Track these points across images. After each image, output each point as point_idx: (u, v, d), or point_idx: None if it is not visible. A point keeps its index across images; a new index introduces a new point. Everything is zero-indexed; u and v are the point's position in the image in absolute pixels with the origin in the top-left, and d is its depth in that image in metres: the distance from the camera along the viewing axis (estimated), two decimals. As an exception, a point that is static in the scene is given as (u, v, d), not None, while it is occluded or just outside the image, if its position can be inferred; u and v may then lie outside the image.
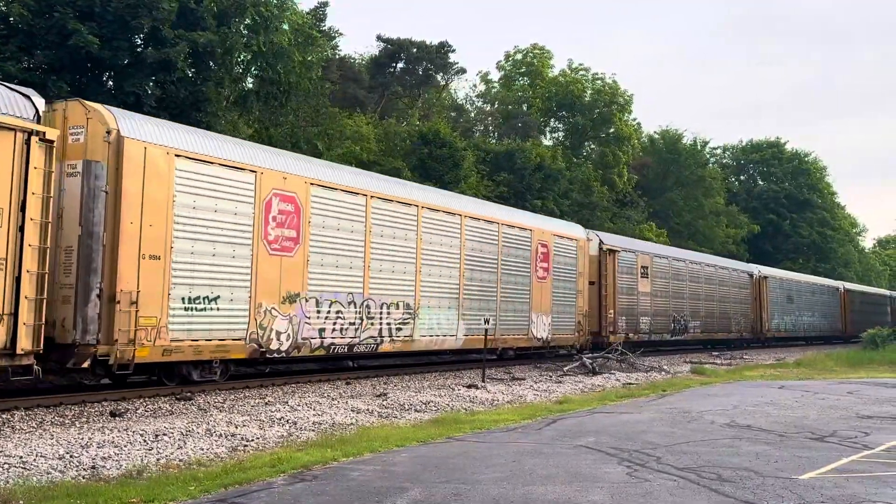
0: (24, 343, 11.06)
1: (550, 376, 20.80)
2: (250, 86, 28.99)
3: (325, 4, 36.89)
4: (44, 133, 11.55)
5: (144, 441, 9.70)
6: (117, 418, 11.67)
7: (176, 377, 14.48)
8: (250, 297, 15.01)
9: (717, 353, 34.15)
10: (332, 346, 16.99)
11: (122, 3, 21.47)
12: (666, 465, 8.75)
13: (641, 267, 30.91)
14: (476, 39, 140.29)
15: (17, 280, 11.09)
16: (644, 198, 57.05)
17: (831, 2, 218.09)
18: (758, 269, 43.11)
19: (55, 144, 11.79)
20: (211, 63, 23.64)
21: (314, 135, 28.46)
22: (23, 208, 11.18)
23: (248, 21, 25.51)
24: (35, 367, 11.35)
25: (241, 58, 26.81)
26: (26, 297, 11.11)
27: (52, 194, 11.72)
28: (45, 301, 11.45)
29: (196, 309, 13.94)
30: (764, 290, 43.02)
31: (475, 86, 58.70)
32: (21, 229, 11.17)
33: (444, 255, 20.46)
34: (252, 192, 15.16)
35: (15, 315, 10.97)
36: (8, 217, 11.02)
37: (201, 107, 23.54)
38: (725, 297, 38.66)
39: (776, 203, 72.74)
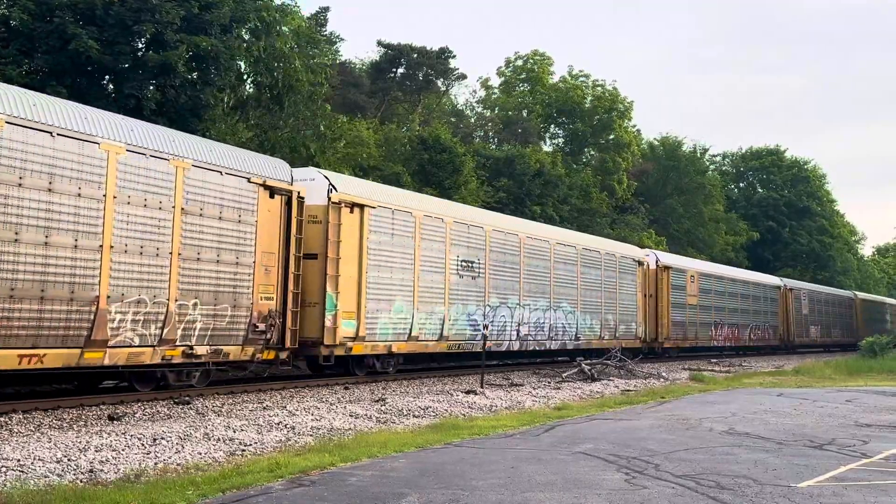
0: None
1: (549, 382, 20.78)
2: (250, 91, 29.00)
3: (327, 10, 37.03)
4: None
5: (142, 445, 9.69)
6: (115, 422, 11.66)
7: None
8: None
9: (715, 361, 34.06)
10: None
11: (124, 7, 21.49)
12: (664, 473, 8.74)
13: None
14: (476, 45, 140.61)
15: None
16: (645, 204, 57.09)
17: (828, 6, 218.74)
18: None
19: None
20: (213, 69, 23.65)
21: (308, 138, 28.44)
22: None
23: (249, 26, 25.52)
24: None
25: (244, 64, 26.82)
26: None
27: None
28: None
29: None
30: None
31: (475, 91, 58.86)
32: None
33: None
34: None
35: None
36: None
37: (200, 112, 23.54)
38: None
39: (775, 210, 72.79)
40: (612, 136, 55.57)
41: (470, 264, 21.66)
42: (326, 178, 17.84)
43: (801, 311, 47.97)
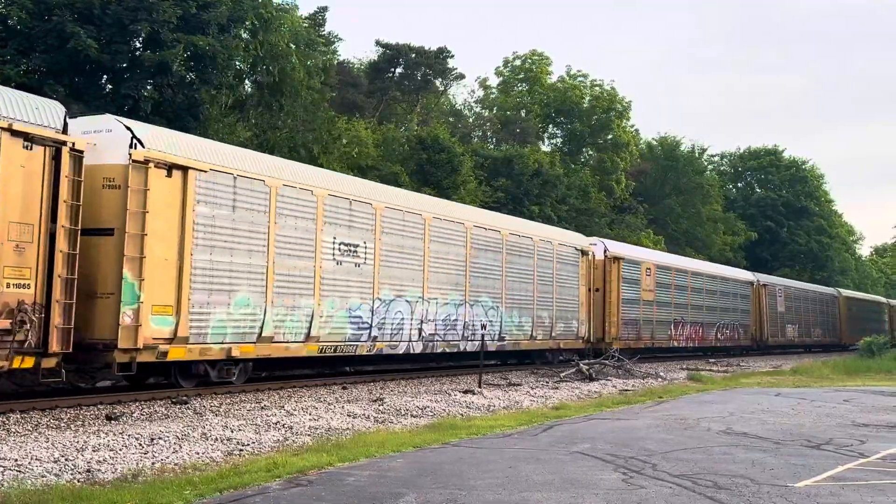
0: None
1: (547, 382, 20.79)
2: (249, 90, 29.02)
3: (325, 9, 37.03)
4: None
5: (140, 445, 9.68)
6: (113, 422, 11.65)
7: None
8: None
9: (713, 360, 33.98)
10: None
11: (121, 6, 21.49)
12: (661, 472, 8.75)
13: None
14: (475, 45, 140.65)
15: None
16: (643, 204, 57.13)
17: (827, 6, 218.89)
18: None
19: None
20: (210, 68, 23.65)
21: (310, 140, 28.46)
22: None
23: (247, 24, 25.49)
24: None
25: (241, 64, 26.82)
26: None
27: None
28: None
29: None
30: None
31: (473, 91, 58.89)
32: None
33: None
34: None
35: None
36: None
37: (197, 112, 23.53)
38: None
39: (773, 210, 72.85)
40: (610, 136, 55.61)
41: (353, 249, 17.63)
42: (128, 129, 13.55)
43: (777, 308, 45.14)
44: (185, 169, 13.98)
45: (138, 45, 22.82)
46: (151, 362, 13.72)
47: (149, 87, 22.53)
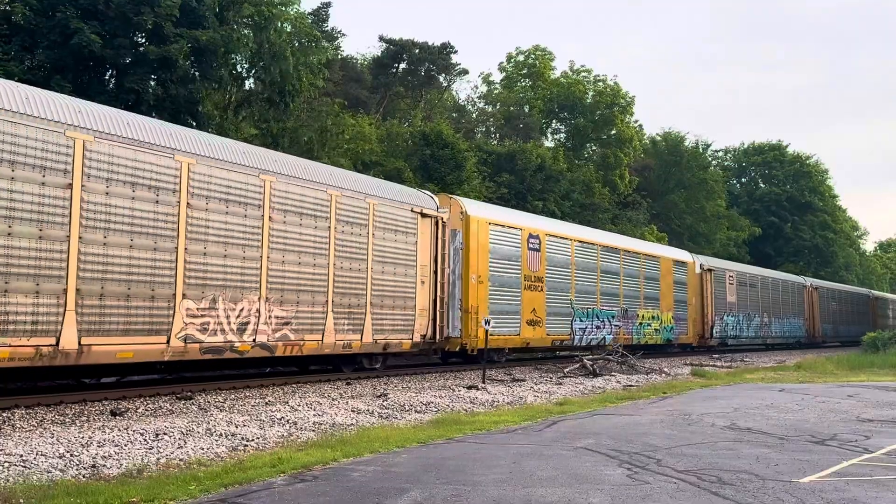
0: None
1: (551, 378, 20.79)
2: (252, 86, 28.99)
3: (328, 5, 36.98)
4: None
5: (145, 440, 9.70)
6: (118, 417, 11.67)
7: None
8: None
9: (717, 356, 34.07)
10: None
11: (124, 0, 21.48)
12: (666, 468, 8.74)
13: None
14: (478, 41, 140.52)
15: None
16: (647, 199, 57.02)
17: (834, 5, 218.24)
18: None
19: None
20: (212, 62, 23.62)
21: (314, 130, 28.43)
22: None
23: (246, 13, 25.31)
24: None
25: (241, 58, 26.78)
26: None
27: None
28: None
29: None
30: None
31: (477, 87, 58.82)
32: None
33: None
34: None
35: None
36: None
37: (200, 107, 23.52)
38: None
39: (777, 206, 72.70)
40: (613, 132, 55.48)
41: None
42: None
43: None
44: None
45: (141, 39, 22.82)
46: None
47: (152, 83, 22.52)
